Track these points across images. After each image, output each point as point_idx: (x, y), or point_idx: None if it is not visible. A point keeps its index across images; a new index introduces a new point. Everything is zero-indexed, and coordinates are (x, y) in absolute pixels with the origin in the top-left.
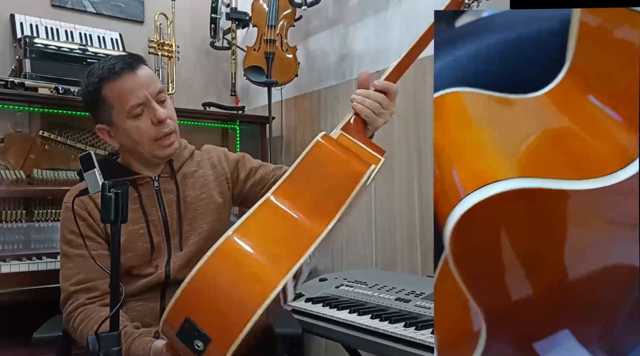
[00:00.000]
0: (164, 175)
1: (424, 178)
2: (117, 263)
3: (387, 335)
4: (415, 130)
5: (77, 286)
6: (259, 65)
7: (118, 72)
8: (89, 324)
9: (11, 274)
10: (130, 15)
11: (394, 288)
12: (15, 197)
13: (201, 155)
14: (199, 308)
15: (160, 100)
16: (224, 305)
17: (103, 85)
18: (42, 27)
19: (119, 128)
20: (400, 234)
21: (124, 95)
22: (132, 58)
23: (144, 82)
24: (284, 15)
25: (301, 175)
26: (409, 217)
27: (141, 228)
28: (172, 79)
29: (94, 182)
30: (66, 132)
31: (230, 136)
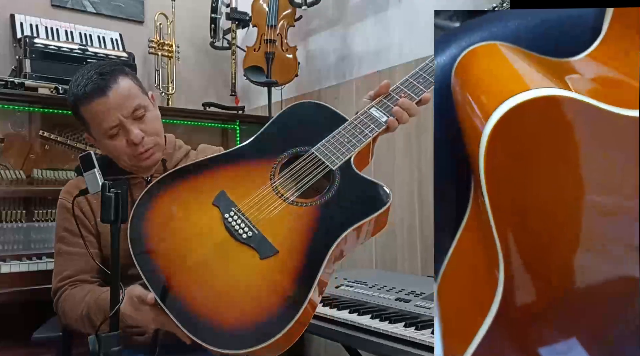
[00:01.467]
0: (156, 176)
1: (424, 178)
2: (117, 263)
3: (387, 335)
4: (416, 130)
5: (62, 282)
6: (259, 65)
7: (89, 96)
8: (72, 300)
9: (11, 274)
10: (130, 15)
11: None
12: (15, 197)
13: (197, 155)
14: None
15: (137, 116)
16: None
17: (78, 105)
18: (42, 27)
19: (100, 143)
20: (400, 234)
21: (97, 118)
22: (104, 76)
23: (116, 104)
24: (284, 15)
25: None
26: (409, 217)
27: None
28: (172, 79)
29: (94, 182)
30: (66, 132)
31: (230, 136)
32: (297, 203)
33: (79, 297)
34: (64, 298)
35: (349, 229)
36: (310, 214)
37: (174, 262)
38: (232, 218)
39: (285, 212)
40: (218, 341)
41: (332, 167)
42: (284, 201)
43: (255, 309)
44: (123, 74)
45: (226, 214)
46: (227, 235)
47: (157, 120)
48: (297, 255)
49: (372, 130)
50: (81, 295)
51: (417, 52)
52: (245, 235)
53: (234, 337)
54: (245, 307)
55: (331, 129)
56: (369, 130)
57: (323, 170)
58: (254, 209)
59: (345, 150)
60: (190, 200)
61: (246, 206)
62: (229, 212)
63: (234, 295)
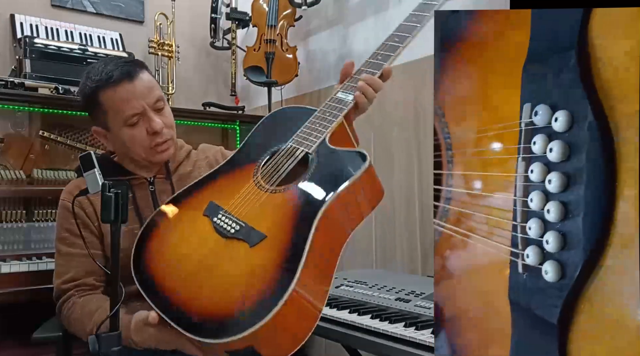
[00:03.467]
0: (159, 176)
1: (424, 178)
2: (117, 263)
3: (387, 335)
4: (415, 130)
5: (67, 284)
6: (259, 65)
7: (115, 81)
8: (80, 311)
9: (11, 274)
10: (130, 15)
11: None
12: (15, 197)
13: (197, 154)
14: (264, 340)
15: (157, 108)
16: (282, 337)
17: (100, 91)
18: (42, 27)
19: (114, 133)
20: (400, 234)
21: (120, 105)
22: (132, 65)
23: (142, 92)
24: (284, 15)
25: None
26: (408, 217)
27: (135, 228)
28: (172, 79)
29: (94, 182)
30: (66, 132)
31: (230, 136)
32: (278, 190)
33: (87, 311)
34: (71, 307)
35: (330, 196)
36: (292, 196)
37: (174, 279)
38: (220, 220)
39: (268, 200)
40: (227, 331)
41: (307, 150)
42: (266, 192)
43: (254, 292)
44: (145, 67)
45: (214, 218)
46: (217, 236)
47: (172, 116)
48: (285, 235)
49: (341, 110)
50: (90, 309)
51: (417, 52)
52: (233, 230)
53: (239, 320)
54: (239, 295)
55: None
56: (337, 111)
57: (299, 155)
58: (239, 207)
59: (317, 133)
60: (184, 220)
61: (232, 206)
62: (217, 215)
63: (233, 289)
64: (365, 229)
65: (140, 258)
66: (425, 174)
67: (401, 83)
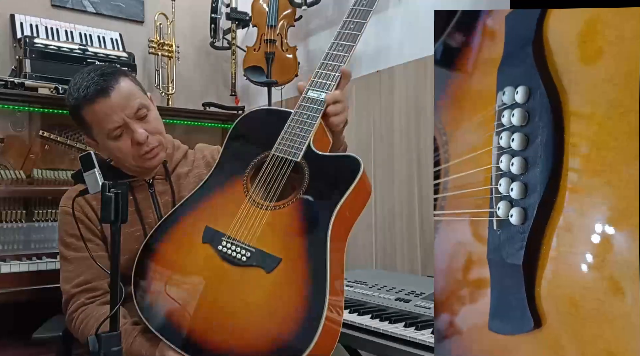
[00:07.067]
0: (158, 177)
1: (424, 178)
2: (117, 263)
3: (387, 335)
4: (416, 130)
5: (78, 288)
6: (259, 65)
7: (91, 98)
8: (89, 323)
9: (11, 274)
10: (130, 15)
11: (394, 288)
12: (15, 197)
13: (195, 154)
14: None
15: (140, 116)
16: None
17: (79, 108)
18: (42, 27)
19: (102, 145)
20: (400, 234)
21: (101, 119)
22: (107, 78)
23: (120, 104)
24: (284, 15)
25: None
26: (409, 217)
27: (137, 230)
28: (172, 79)
29: (94, 182)
30: (66, 132)
31: None
32: (279, 206)
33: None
34: (81, 316)
35: (336, 208)
36: (295, 211)
37: (188, 315)
38: (226, 247)
39: (271, 219)
40: None
41: (296, 159)
42: (266, 210)
43: (280, 323)
44: (123, 75)
45: (219, 246)
46: (228, 266)
47: (158, 120)
48: (300, 255)
49: (317, 111)
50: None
51: (417, 52)
52: (244, 258)
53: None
54: (271, 325)
55: (283, 127)
56: (313, 112)
57: (289, 165)
58: (242, 229)
59: (300, 139)
60: (182, 249)
61: (234, 230)
62: (220, 243)
63: (256, 320)
64: (365, 229)
65: (146, 294)
66: (426, 174)
67: (401, 83)
